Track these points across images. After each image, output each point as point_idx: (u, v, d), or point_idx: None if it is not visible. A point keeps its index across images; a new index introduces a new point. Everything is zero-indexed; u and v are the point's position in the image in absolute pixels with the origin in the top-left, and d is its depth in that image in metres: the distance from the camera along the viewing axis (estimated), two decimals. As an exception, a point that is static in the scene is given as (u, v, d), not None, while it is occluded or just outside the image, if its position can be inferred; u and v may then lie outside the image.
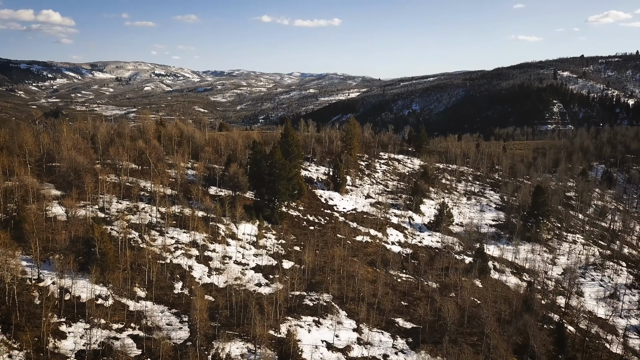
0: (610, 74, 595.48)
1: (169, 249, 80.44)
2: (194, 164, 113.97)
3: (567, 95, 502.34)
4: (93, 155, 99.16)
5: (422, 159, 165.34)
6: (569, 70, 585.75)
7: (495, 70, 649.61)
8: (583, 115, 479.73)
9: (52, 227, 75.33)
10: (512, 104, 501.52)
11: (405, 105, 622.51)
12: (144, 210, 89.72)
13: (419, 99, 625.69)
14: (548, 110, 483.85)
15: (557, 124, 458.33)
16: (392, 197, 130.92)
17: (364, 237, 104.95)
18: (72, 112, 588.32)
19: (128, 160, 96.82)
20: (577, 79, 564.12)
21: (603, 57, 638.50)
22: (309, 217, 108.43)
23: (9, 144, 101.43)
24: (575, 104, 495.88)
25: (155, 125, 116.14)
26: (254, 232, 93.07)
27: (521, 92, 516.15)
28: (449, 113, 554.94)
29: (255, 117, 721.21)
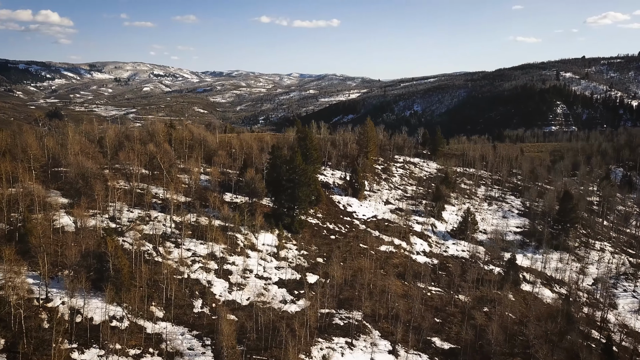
0: (612, 75, 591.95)
1: (186, 262, 74.40)
2: (207, 168, 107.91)
3: (571, 96, 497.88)
4: (102, 160, 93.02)
5: (438, 162, 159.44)
6: (571, 72, 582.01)
7: (497, 71, 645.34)
8: (586, 117, 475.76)
9: (60, 240, 69.21)
10: (515, 105, 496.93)
11: (406, 106, 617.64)
12: (157, 219, 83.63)
13: (421, 100, 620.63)
14: (552, 111, 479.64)
15: (561, 125, 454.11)
16: (412, 203, 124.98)
17: (388, 247, 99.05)
18: (71, 112, 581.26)
19: (139, 166, 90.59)
20: (579, 80, 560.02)
21: (605, 58, 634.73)
22: (329, 225, 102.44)
23: (11, 148, 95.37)
24: (579, 105, 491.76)
25: (166, 127, 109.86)
26: (274, 243, 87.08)
27: (524, 93, 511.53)
28: (451, 114, 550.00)
29: (255, 117, 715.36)
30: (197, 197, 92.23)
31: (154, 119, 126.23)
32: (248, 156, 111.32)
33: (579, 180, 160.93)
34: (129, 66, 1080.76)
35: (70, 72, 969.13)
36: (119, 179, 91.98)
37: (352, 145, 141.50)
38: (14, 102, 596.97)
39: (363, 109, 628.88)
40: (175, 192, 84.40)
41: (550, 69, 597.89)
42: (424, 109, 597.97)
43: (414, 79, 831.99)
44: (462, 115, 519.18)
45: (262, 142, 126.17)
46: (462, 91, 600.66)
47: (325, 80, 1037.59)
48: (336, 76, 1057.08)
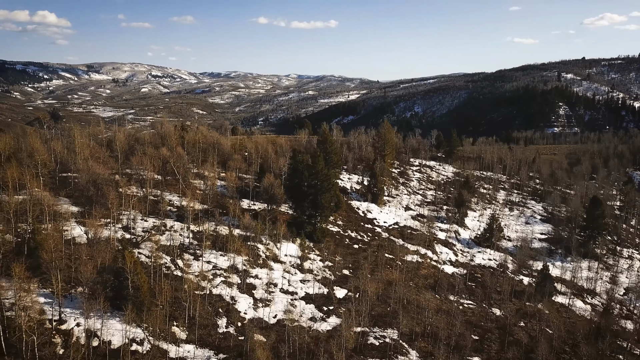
0: (613, 76, 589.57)
1: (207, 276, 69.05)
2: (221, 172, 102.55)
3: (573, 97, 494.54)
4: (114, 165, 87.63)
5: (454, 165, 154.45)
6: (572, 73, 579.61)
7: (498, 72, 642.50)
8: (589, 118, 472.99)
9: (72, 253, 63.88)
10: (517, 106, 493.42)
11: (407, 107, 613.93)
12: (173, 229, 78.28)
13: (421, 101, 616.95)
14: (554, 112, 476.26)
15: (563, 126, 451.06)
16: (432, 209, 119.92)
17: (414, 257, 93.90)
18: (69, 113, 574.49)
19: (153, 171, 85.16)
20: (581, 81, 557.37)
21: (605, 59, 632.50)
22: (350, 233, 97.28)
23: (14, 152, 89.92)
24: (581, 107, 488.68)
25: (178, 130, 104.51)
26: (297, 253, 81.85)
27: (526, 94, 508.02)
28: (453, 115, 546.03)
29: (255, 118, 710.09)
30: (214, 205, 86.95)
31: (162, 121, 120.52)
32: (264, 160, 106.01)
33: (598, 184, 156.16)
34: (127, 67, 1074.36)
35: (67, 72, 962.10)
36: (131, 185, 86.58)
37: (368, 148, 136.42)
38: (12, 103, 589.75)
39: (363, 110, 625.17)
40: (192, 199, 78.93)
41: (551, 70, 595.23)
42: (425, 110, 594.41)
43: (414, 80, 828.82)
44: (464, 117, 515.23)
45: (276, 145, 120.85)
46: (462, 92, 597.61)
47: (324, 81, 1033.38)
48: (334, 77, 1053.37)
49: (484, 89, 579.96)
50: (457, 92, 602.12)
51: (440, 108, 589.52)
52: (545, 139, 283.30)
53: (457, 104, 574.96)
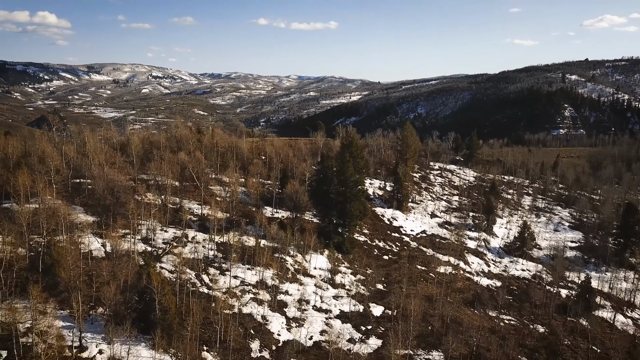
0: (618, 77, 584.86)
1: (235, 292, 63.61)
2: (239, 178, 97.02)
3: (578, 99, 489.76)
4: (129, 171, 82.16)
5: (475, 169, 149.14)
6: (576, 74, 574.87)
7: (501, 73, 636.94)
8: (594, 120, 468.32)
9: (90, 269, 58.47)
10: (522, 107, 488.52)
11: (410, 108, 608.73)
12: (195, 240, 72.83)
13: (425, 103, 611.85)
14: (559, 114, 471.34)
15: (569, 128, 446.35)
16: (458, 216, 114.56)
17: (447, 268, 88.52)
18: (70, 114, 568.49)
19: (172, 177, 79.64)
20: (585, 82, 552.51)
21: (609, 60, 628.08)
22: (378, 242, 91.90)
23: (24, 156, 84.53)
24: (586, 108, 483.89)
25: (195, 133, 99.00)
26: (327, 266, 76.43)
27: (530, 95, 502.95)
28: (457, 117, 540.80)
29: (256, 119, 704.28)
30: (239, 213, 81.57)
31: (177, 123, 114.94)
32: (285, 165, 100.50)
33: (623, 188, 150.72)
34: (127, 68, 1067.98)
35: (68, 73, 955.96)
36: (147, 192, 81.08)
37: (388, 152, 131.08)
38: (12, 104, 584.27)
39: (365, 111, 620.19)
40: (215, 208, 73.37)
41: (554, 72, 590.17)
42: (428, 112, 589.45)
43: (415, 81, 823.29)
44: (468, 118, 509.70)
45: (294, 149, 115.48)
46: (466, 93, 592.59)
47: (324, 82, 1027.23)
48: (335, 78, 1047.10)
49: (487, 90, 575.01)
50: (460, 93, 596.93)
51: (444, 109, 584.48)
52: (559, 141, 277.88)
53: (461, 105, 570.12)
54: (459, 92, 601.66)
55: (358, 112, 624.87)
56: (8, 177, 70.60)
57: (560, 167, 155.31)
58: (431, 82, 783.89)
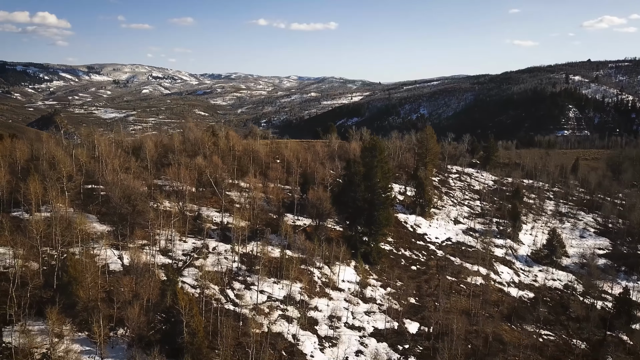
0: (621, 78, 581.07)
1: (263, 309, 59.08)
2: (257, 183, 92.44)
3: (582, 100, 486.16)
4: (147, 177, 77.61)
5: (492, 173, 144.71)
6: (579, 75, 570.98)
7: (504, 74, 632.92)
8: (598, 121, 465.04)
9: (107, 284, 53.97)
10: (526, 108, 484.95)
11: (412, 109, 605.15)
12: (216, 250, 68.32)
13: (427, 103, 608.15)
14: (564, 115, 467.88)
15: (573, 129, 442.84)
16: (482, 222, 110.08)
17: (476, 278, 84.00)
18: (70, 114, 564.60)
19: (191, 183, 75.03)
20: (589, 83, 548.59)
21: (612, 61, 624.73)
22: (403, 251, 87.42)
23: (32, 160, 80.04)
24: (590, 109, 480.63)
25: (210, 136, 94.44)
26: (355, 278, 71.97)
27: (535, 96, 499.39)
28: (460, 118, 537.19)
29: (257, 120, 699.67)
30: (262, 222, 77.10)
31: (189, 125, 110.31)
32: (304, 169, 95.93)
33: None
34: (127, 68, 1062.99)
35: (68, 74, 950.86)
36: (163, 199, 76.53)
37: (406, 155, 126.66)
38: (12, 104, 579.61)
39: (367, 112, 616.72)
40: (238, 216, 68.73)
41: (557, 72, 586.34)
42: (431, 113, 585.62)
43: (417, 81, 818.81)
44: (471, 119, 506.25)
45: (311, 152, 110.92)
46: (468, 94, 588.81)
47: (325, 83, 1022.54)
48: (335, 79, 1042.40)
49: (490, 91, 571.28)
50: (462, 94, 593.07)
51: (447, 110, 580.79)
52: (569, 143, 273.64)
53: (464, 106, 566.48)
54: (461, 93, 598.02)
55: (360, 113, 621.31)
56: (17, 183, 66.14)
57: (580, 170, 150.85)
58: (432, 82, 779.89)
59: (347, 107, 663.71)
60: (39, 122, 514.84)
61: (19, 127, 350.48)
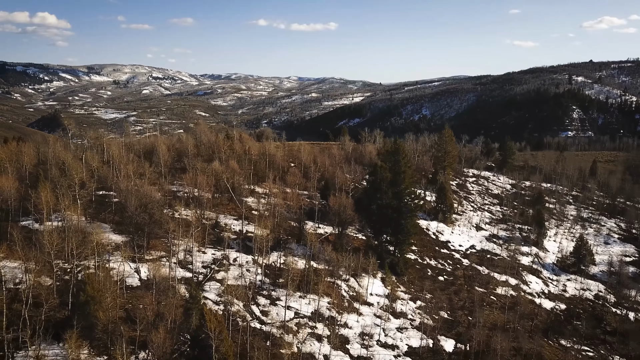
0: (624, 79, 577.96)
1: (291, 327, 55.01)
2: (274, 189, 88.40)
3: (586, 100, 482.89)
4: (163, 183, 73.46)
5: (509, 176, 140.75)
6: (582, 76, 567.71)
7: (506, 74, 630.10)
8: (602, 122, 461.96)
9: (125, 300, 49.94)
10: (529, 109, 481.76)
11: (415, 110, 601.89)
12: (237, 262, 64.25)
13: (429, 104, 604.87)
14: (567, 116, 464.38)
15: (577, 130, 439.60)
16: (504, 228, 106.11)
17: (506, 289, 80.00)
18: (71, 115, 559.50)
19: (209, 190, 70.85)
20: (592, 84, 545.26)
21: (614, 62, 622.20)
22: (428, 260, 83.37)
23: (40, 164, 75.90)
24: (594, 110, 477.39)
25: (225, 139, 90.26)
26: (383, 291, 67.92)
27: (538, 97, 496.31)
28: (462, 118, 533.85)
29: (258, 121, 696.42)
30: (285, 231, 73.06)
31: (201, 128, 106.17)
32: (322, 173, 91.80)
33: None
34: (127, 69, 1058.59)
35: (68, 74, 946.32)
36: (177, 205, 72.46)
37: (422, 157, 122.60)
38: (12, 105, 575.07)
39: (369, 113, 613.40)
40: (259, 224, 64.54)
41: (560, 73, 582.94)
42: (433, 113, 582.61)
43: (418, 82, 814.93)
44: (474, 120, 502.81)
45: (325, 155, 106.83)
46: (471, 95, 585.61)
47: (325, 83, 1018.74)
48: (335, 79, 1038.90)
49: (492, 91, 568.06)
50: (464, 94, 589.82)
51: (449, 111, 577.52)
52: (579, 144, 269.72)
53: (466, 107, 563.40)
54: (463, 93, 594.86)
55: (361, 114, 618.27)
56: (27, 191, 62.05)
57: (599, 174, 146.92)
58: (434, 83, 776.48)
59: (348, 108, 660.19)
60: (39, 122, 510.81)
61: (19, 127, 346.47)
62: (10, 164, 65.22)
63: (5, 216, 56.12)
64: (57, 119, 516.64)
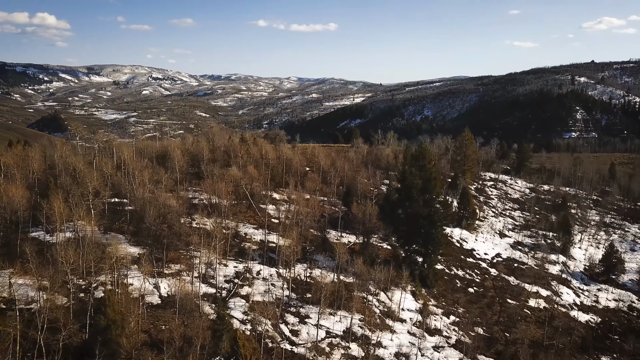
0: (627, 79, 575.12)
1: (323, 348, 50.95)
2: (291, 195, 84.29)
3: (589, 101, 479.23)
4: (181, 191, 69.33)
5: (526, 179, 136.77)
6: (585, 76, 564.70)
7: (508, 75, 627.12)
8: (606, 123, 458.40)
9: (146, 321, 45.84)
10: (532, 110, 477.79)
11: (416, 110, 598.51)
12: (260, 275, 60.17)
13: (431, 105, 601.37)
14: (571, 117, 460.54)
15: (581, 131, 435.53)
16: (529, 235, 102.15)
17: (538, 301, 76.01)
18: (71, 116, 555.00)
19: (229, 197, 66.63)
20: (595, 84, 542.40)
21: (616, 62, 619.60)
22: (456, 270, 79.36)
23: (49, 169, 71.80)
24: (598, 111, 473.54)
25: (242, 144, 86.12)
26: (414, 306, 63.91)
27: (540, 98, 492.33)
28: (465, 119, 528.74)
29: (259, 122, 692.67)
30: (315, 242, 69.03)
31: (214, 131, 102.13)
32: (341, 178, 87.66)
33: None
34: (127, 69, 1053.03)
35: (68, 74, 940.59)
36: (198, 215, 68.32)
37: (439, 161, 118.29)
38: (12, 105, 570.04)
39: (370, 114, 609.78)
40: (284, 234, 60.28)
41: (562, 74, 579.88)
42: (435, 114, 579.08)
43: (419, 82, 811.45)
44: (476, 121, 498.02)
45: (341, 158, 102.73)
46: (473, 96, 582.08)
47: (325, 84, 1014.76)
48: (335, 80, 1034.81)
49: (495, 92, 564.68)
50: (466, 95, 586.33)
51: (451, 112, 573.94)
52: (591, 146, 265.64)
53: (468, 108, 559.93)
54: (465, 94, 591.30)
55: (363, 114, 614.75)
56: (36, 199, 57.95)
57: (619, 176, 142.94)
58: (435, 84, 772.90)
59: (349, 109, 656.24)
60: (39, 123, 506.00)
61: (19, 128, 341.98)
62: (18, 170, 61.07)
63: (15, 228, 52.01)
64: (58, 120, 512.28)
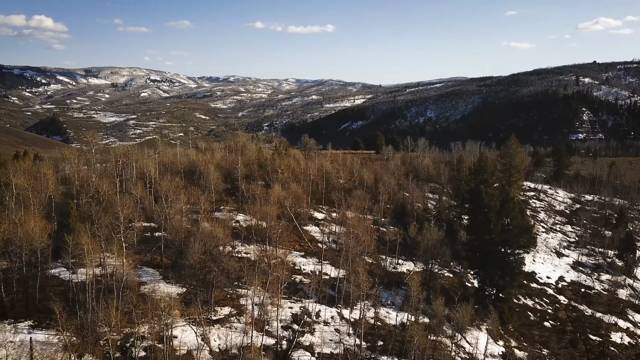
0: (631, 80, 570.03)
1: (411, 414, 41.72)
2: (331, 213, 74.93)
3: (595, 102, 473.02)
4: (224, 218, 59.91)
5: (565, 189, 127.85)
6: (589, 77, 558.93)
7: (511, 76, 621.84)
8: (612, 124, 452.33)
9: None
10: (537, 111, 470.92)
11: (419, 112, 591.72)
12: (320, 318, 50.86)
13: (434, 106, 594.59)
14: (577, 118, 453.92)
15: (588, 132, 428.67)
16: (586, 253, 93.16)
17: (622, 335, 66.90)
18: (69, 119, 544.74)
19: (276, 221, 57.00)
20: (599, 85, 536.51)
21: (619, 62, 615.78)
22: (523, 299, 70.28)
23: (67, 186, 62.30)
24: (604, 112, 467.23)
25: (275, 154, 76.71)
26: (497, 350, 54.64)
27: (546, 99, 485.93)
28: (469, 120, 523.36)
29: (259, 124, 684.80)
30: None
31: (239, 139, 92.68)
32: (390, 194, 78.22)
33: None
34: (125, 71, 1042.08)
35: (65, 77, 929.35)
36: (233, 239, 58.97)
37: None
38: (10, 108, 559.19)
39: (372, 115, 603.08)
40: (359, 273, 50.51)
41: (567, 74, 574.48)
42: (438, 115, 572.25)
43: (419, 84, 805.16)
44: (481, 122, 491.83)
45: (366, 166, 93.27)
46: (476, 97, 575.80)
47: (325, 85, 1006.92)
48: (334, 81, 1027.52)
49: (498, 93, 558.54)
50: (469, 96, 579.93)
51: (454, 113, 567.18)
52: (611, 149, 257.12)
53: (472, 109, 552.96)
54: (468, 95, 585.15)
55: (364, 116, 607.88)
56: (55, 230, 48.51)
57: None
58: (436, 85, 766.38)
59: (351, 110, 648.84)
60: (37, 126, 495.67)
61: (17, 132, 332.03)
62: (33, 194, 51.72)
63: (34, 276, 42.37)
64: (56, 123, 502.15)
